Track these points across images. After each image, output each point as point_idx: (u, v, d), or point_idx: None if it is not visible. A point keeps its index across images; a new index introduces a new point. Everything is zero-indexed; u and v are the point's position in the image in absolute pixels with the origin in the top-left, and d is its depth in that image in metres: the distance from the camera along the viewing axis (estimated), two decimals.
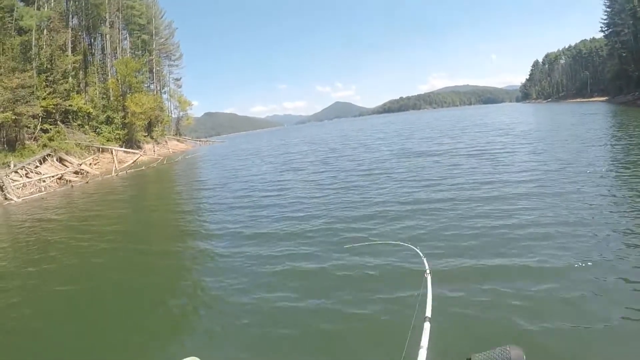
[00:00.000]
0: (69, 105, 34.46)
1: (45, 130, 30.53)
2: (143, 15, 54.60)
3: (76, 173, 28.26)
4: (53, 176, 25.79)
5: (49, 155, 28.48)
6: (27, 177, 24.27)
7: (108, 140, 38.47)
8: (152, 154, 44.11)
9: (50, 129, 31.02)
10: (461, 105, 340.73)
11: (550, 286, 4.65)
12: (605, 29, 68.62)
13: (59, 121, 33.04)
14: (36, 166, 26.33)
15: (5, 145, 26.65)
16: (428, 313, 2.37)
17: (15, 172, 23.93)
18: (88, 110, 37.66)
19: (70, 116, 35.40)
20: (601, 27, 69.66)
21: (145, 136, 47.48)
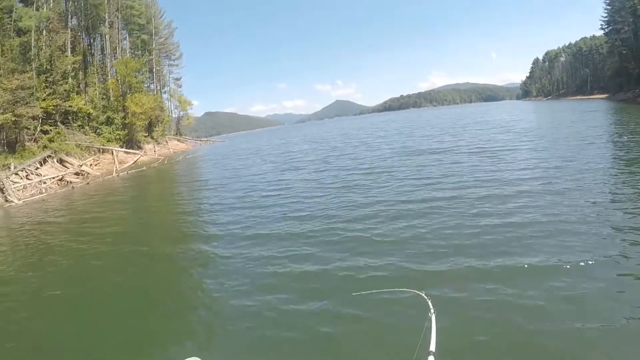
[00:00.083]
0: (69, 106, 34.39)
1: (45, 132, 30.49)
2: (142, 15, 54.52)
3: (77, 174, 28.22)
4: (54, 178, 25.76)
5: (49, 156, 28.44)
6: (28, 179, 24.25)
7: (108, 141, 38.42)
8: (153, 154, 44.06)
9: (51, 130, 30.98)
10: (461, 103, 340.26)
11: (556, 292, 4.54)
12: (606, 26, 68.50)
13: (59, 122, 32.99)
14: (36, 168, 26.30)
15: (5, 147, 26.60)
16: (432, 347, 2.40)
17: (16, 174, 23.89)
18: (88, 111, 37.61)
19: (70, 117, 35.34)
20: (601, 25, 69.58)
21: (145, 136, 47.42)
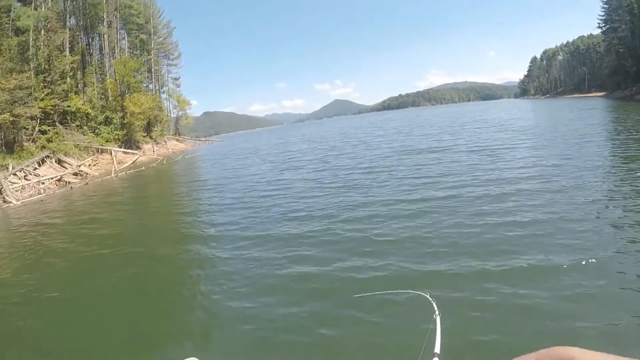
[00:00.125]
0: (67, 106, 34.33)
1: (43, 132, 30.45)
2: (141, 15, 54.42)
3: (75, 174, 28.17)
4: (52, 178, 25.71)
5: (47, 156, 28.37)
6: (26, 180, 24.20)
7: (107, 141, 38.34)
8: (152, 154, 44.00)
9: (49, 130, 30.92)
10: (460, 101, 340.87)
11: (556, 292, 4.52)
12: (603, 25, 68.80)
13: (57, 122, 32.93)
14: (35, 168, 26.24)
15: (3, 148, 26.51)
16: (437, 349, 2.37)
17: (14, 175, 23.84)
18: (86, 111, 37.53)
19: (68, 117, 35.28)
20: (598, 24, 69.89)
21: (144, 136, 47.33)
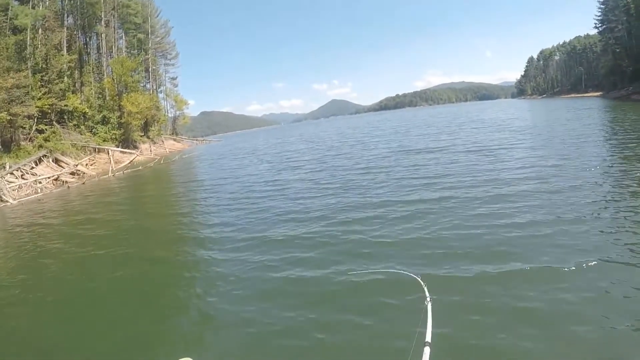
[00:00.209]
0: (64, 105, 34.24)
1: (40, 131, 30.33)
2: (139, 14, 54.27)
3: (72, 174, 28.09)
4: (49, 177, 25.63)
5: (44, 156, 28.29)
6: (23, 179, 24.11)
7: (104, 141, 38.26)
8: (149, 154, 43.93)
9: (46, 130, 30.81)
10: (457, 101, 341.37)
11: (553, 295, 4.53)
12: (599, 25, 69.26)
13: (54, 121, 32.82)
14: (32, 167, 26.17)
15: (0, 147, 26.43)
16: (428, 338, 2.45)
17: (11, 174, 23.76)
18: (84, 110, 37.43)
19: (65, 116, 35.17)
20: (595, 24, 70.37)
21: (141, 136, 47.24)
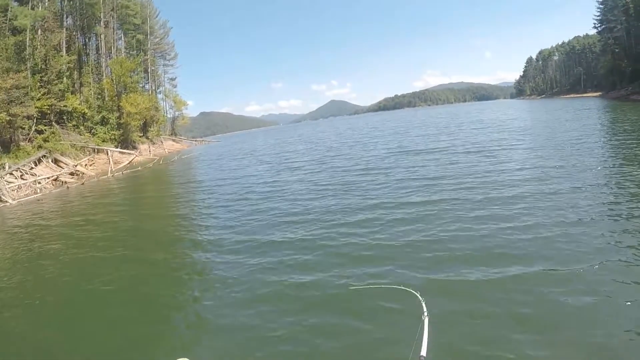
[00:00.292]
0: (63, 106, 34.20)
1: (40, 131, 30.28)
2: (138, 15, 54.23)
3: (72, 174, 28.06)
4: (48, 177, 25.62)
5: (44, 156, 28.26)
6: (22, 179, 24.09)
7: (103, 141, 38.22)
8: (148, 154, 43.90)
9: (45, 130, 30.76)
10: (456, 102, 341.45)
11: (553, 299, 4.51)
12: (598, 25, 69.44)
13: (53, 122, 32.78)
14: (31, 168, 26.13)
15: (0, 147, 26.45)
16: (423, 352, 2.47)
17: (10, 174, 23.74)
18: (83, 111, 37.39)
19: (65, 117, 35.14)
20: (594, 24, 70.57)
21: (140, 136, 47.24)
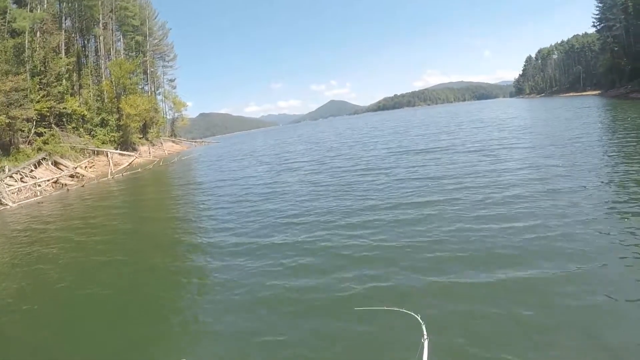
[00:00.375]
0: (63, 108, 34.12)
1: (39, 134, 30.23)
2: (136, 17, 54.20)
3: (72, 176, 28.04)
4: (48, 180, 25.57)
5: (43, 159, 28.21)
6: (22, 182, 24.06)
7: (103, 143, 38.15)
8: (148, 156, 43.86)
9: (45, 132, 30.70)
10: (455, 101, 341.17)
11: (555, 303, 4.50)
12: (597, 24, 69.38)
13: (53, 124, 32.72)
14: (31, 170, 26.09)
15: None
16: None
17: (10, 177, 23.72)
18: (82, 113, 37.35)
19: (64, 119, 35.09)
20: (593, 22, 70.50)
21: (140, 138, 47.19)
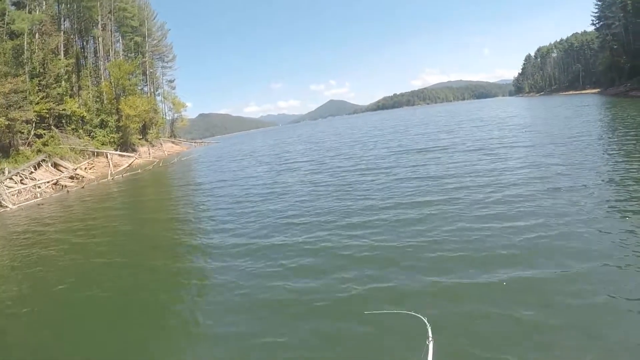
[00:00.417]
0: (62, 110, 34.11)
1: (39, 136, 30.23)
2: (135, 17, 54.17)
3: (72, 178, 28.04)
4: (48, 182, 25.56)
5: (43, 160, 28.20)
6: (22, 184, 24.05)
7: (103, 144, 38.16)
8: (148, 157, 43.88)
9: (44, 134, 30.69)
10: (454, 100, 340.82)
11: (557, 305, 4.46)
12: (596, 22, 69.43)
13: (52, 126, 32.71)
14: (31, 172, 26.07)
15: None
16: None
17: (10, 179, 23.70)
18: (82, 114, 37.33)
19: (64, 120, 35.08)
20: (592, 21, 70.58)
21: (140, 139, 47.17)
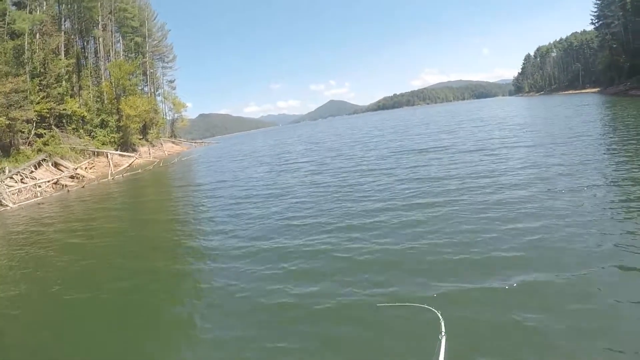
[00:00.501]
0: (63, 109, 34.17)
1: (39, 135, 30.28)
2: (136, 18, 54.24)
3: (72, 177, 28.06)
4: (49, 181, 25.59)
5: (44, 160, 28.23)
6: (23, 183, 24.08)
7: (103, 144, 38.20)
8: (148, 157, 43.88)
9: (45, 134, 30.75)
10: (454, 100, 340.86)
11: (560, 310, 4.40)
12: (596, 21, 69.54)
13: (53, 125, 32.76)
14: (31, 171, 26.11)
15: None
16: None
17: (10, 178, 23.74)
18: (82, 114, 37.41)
19: (64, 120, 35.17)
20: (591, 20, 70.71)
21: (140, 139, 47.21)
